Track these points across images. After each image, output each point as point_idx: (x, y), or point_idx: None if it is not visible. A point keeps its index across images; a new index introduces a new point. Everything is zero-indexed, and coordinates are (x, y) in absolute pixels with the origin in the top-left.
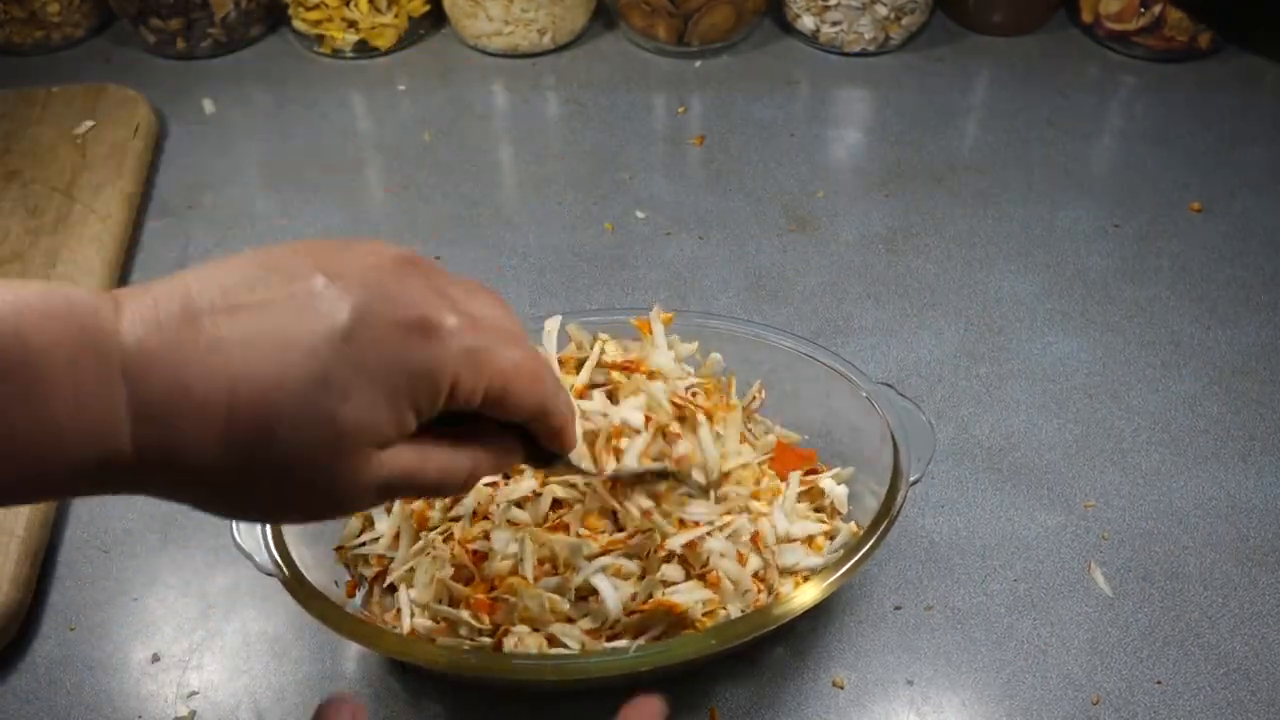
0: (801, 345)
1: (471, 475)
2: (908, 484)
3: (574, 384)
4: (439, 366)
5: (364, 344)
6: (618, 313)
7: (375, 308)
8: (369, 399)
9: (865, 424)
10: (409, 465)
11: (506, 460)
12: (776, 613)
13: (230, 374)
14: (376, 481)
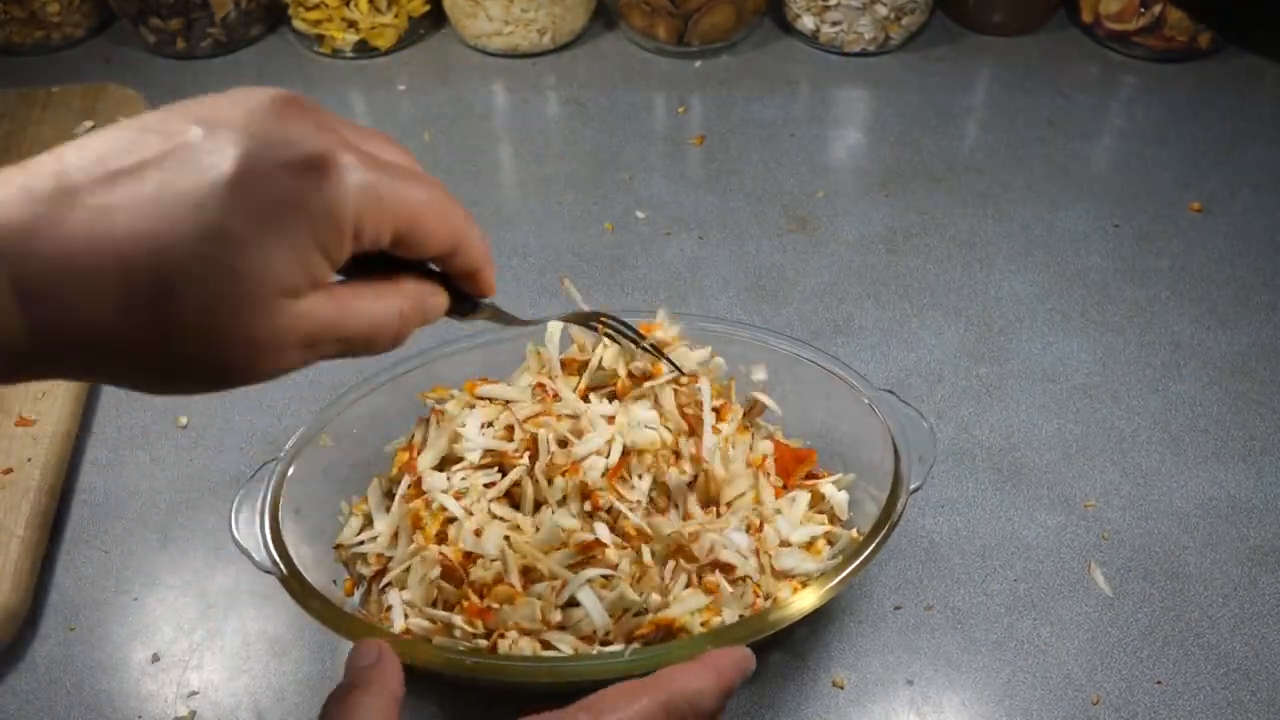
0: (802, 349)
1: (401, 322)
2: (908, 491)
3: (577, 386)
4: (338, 204)
5: (253, 190)
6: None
7: (259, 151)
8: (267, 246)
9: (867, 429)
10: (329, 315)
11: (432, 304)
12: (773, 618)
13: (116, 240)
14: (296, 333)
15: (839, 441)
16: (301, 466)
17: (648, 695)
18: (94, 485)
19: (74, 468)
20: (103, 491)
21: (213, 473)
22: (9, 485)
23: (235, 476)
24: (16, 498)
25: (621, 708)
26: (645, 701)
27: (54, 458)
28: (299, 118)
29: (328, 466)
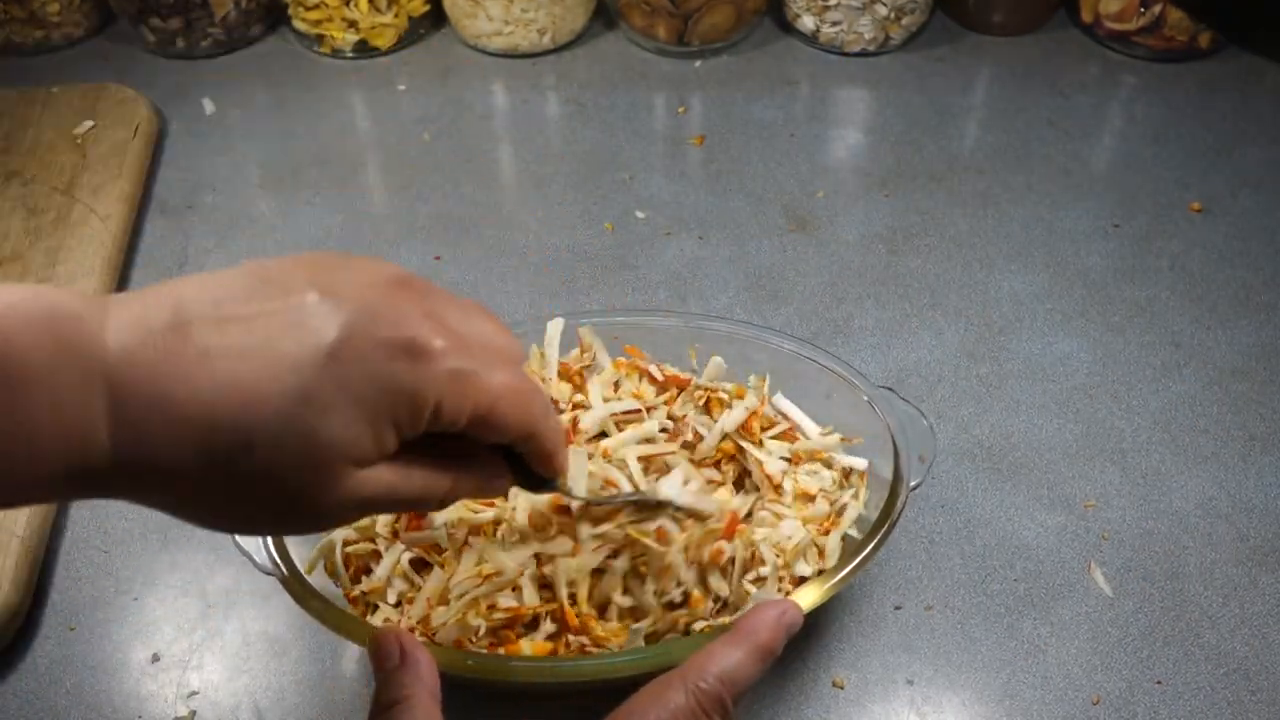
0: (803, 348)
1: (451, 494)
2: (908, 489)
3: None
4: (422, 389)
5: (348, 362)
6: (618, 313)
7: (363, 326)
8: (349, 417)
9: (866, 427)
10: (389, 483)
11: (491, 485)
12: None
13: (214, 385)
14: (355, 499)
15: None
16: None
17: (679, 689)
18: None
19: None
20: None
21: None
22: None
23: None
24: None
25: (654, 711)
26: (679, 699)
27: None
28: (408, 299)
29: None
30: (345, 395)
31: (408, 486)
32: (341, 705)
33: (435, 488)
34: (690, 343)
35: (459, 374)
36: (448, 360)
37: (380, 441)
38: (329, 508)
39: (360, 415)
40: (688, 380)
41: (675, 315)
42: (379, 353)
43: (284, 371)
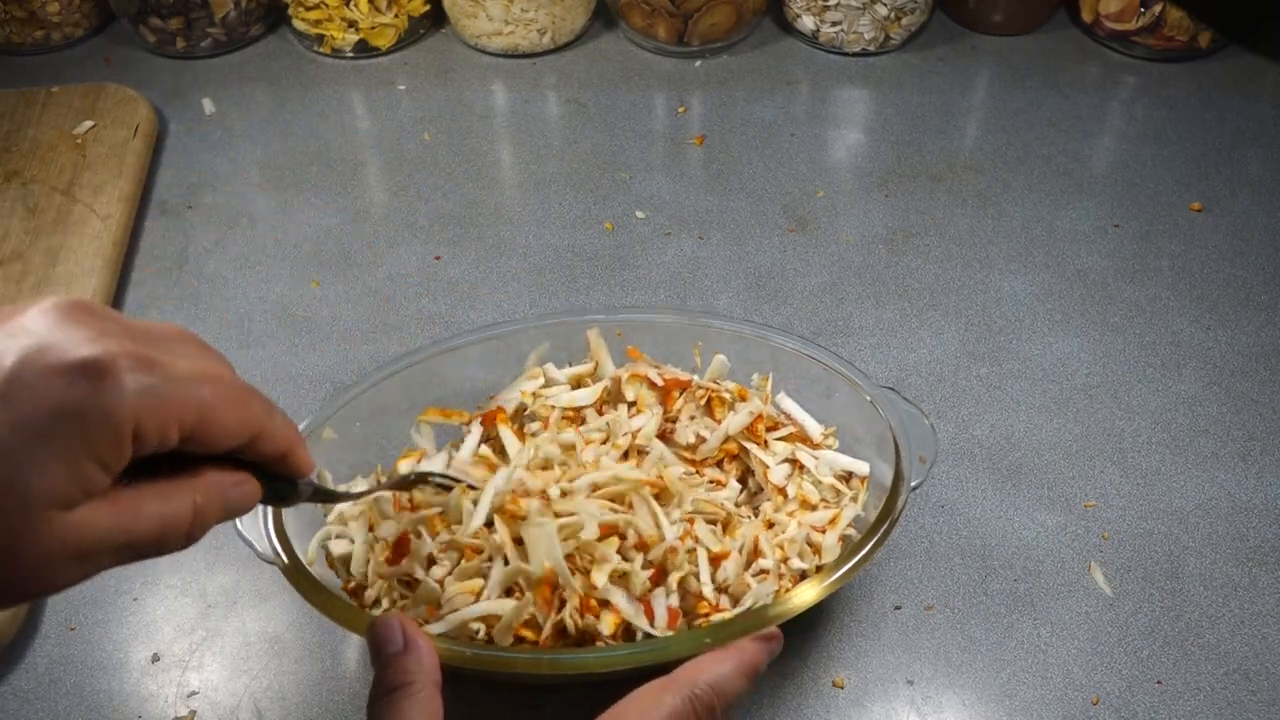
0: (805, 347)
1: (196, 517)
2: (909, 488)
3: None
4: (112, 411)
5: (20, 398)
6: (621, 311)
7: (31, 357)
8: (36, 456)
9: (868, 426)
10: (106, 524)
11: (237, 494)
12: (774, 613)
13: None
14: (67, 548)
15: (840, 438)
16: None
17: (673, 693)
18: None
19: None
20: None
21: None
22: None
23: None
24: None
25: (650, 711)
26: (671, 700)
27: None
28: (80, 323)
29: (330, 460)
30: (24, 434)
31: (138, 524)
32: (341, 705)
33: (174, 517)
34: (693, 340)
35: (151, 388)
36: (136, 376)
37: (79, 477)
38: (38, 562)
39: (48, 453)
40: (688, 381)
41: (678, 313)
42: (53, 381)
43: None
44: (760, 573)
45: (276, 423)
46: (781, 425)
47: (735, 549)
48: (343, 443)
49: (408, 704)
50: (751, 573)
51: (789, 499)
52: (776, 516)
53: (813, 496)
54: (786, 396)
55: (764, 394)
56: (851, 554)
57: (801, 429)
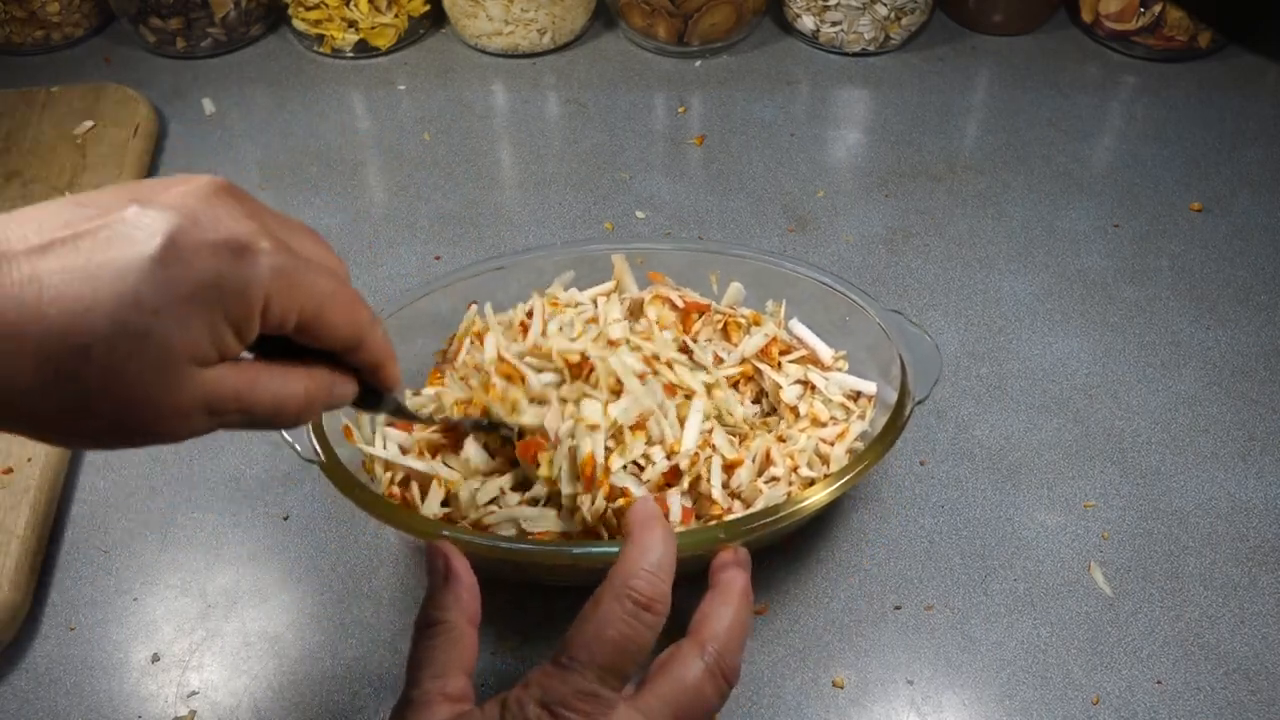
0: (817, 273)
1: (307, 401)
2: (914, 401)
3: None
4: (249, 283)
5: (174, 264)
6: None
7: (186, 230)
8: (181, 315)
9: (875, 348)
10: (235, 386)
11: (340, 390)
12: (785, 511)
13: (43, 302)
14: (200, 400)
15: (849, 360)
16: None
17: (695, 658)
18: (94, 485)
19: (74, 468)
20: (103, 491)
21: (213, 473)
22: (9, 485)
23: (235, 477)
24: (16, 498)
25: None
26: (698, 667)
27: (54, 458)
28: (228, 204)
29: None
30: (174, 295)
31: (256, 393)
32: (342, 705)
33: (288, 392)
34: (711, 270)
35: (284, 271)
36: (273, 257)
37: (217, 338)
38: (175, 408)
39: (192, 313)
40: (707, 305)
41: (697, 244)
42: (204, 252)
43: (110, 280)
44: (771, 479)
45: (378, 335)
46: (794, 349)
47: (749, 458)
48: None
49: (436, 642)
50: (763, 480)
51: (800, 417)
52: (788, 432)
53: (823, 414)
54: (799, 322)
55: (778, 319)
56: (859, 461)
57: (813, 353)
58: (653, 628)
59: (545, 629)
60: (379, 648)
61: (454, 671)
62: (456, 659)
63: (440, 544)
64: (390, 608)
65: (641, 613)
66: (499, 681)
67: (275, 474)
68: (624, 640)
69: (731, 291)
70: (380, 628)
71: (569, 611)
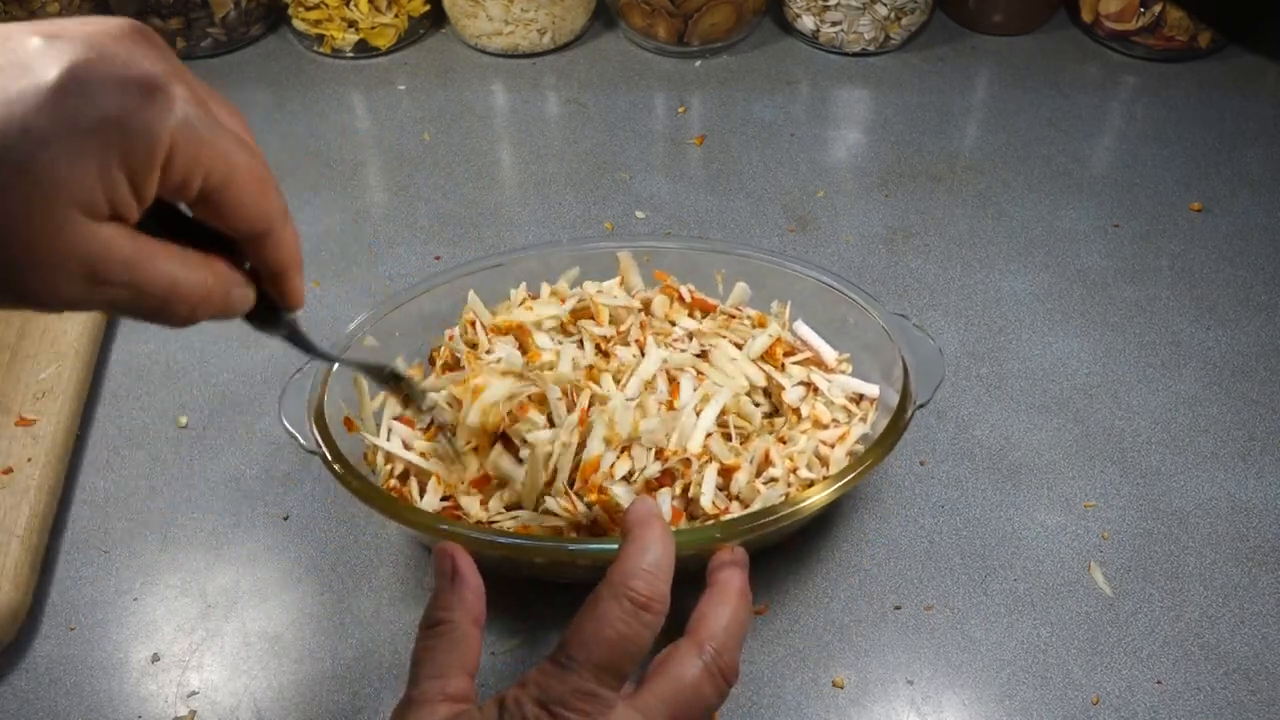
0: (822, 275)
1: (204, 294)
2: (915, 405)
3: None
4: (154, 127)
5: (74, 95)
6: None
7: (92, 63)
8: (72, 149)
9: (878, 351)
10: (125, 253)
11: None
12: (783, 513)
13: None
14: (82, 256)
15: (852, 359)
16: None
17: (693, 657)
18: (94, 485)
19: (74, 468)
20: (103, 491)
21: (213, 473)
22: (9, 485)
23: (235, 477)
24: (16, 498)
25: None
26: (696, 666)
27: (54, 458)
28: (143, 45)
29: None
30: (68, 127)
31: (151, 272)
32: (342, 705)
33: (183, 279)
34: (716, 270)
35: (195, 123)
36: (186, 106)
37: (109, 185)
38: (52, 259)
39: (85, 149)
40: (714, 305)
41: (703, 243)
42: (108, 86)
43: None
44: (770, 480)
45: (289, 233)
46: (798, 351)
47: (747, 460)
48: (384, 349)
49: (439, 642)
50: (762, 480)
51: (803, 419)
52: (790, 434)
53: (824, 416)
54: (803, 324)
55: (782, 320)
56: (859, 463)
57: (817, 354)
58: (651, 627)
59: (545, 629)
60: (379, 648)
61: (456, 672)
62: (459, 659)
63: (447, 545)
64: (390, 607)
65: (640, 612)
66: (499, 681)
67: (275, 474)
68: (622, 640)
69: (737, 292)
70: (380, 627)
71: (569, 610)
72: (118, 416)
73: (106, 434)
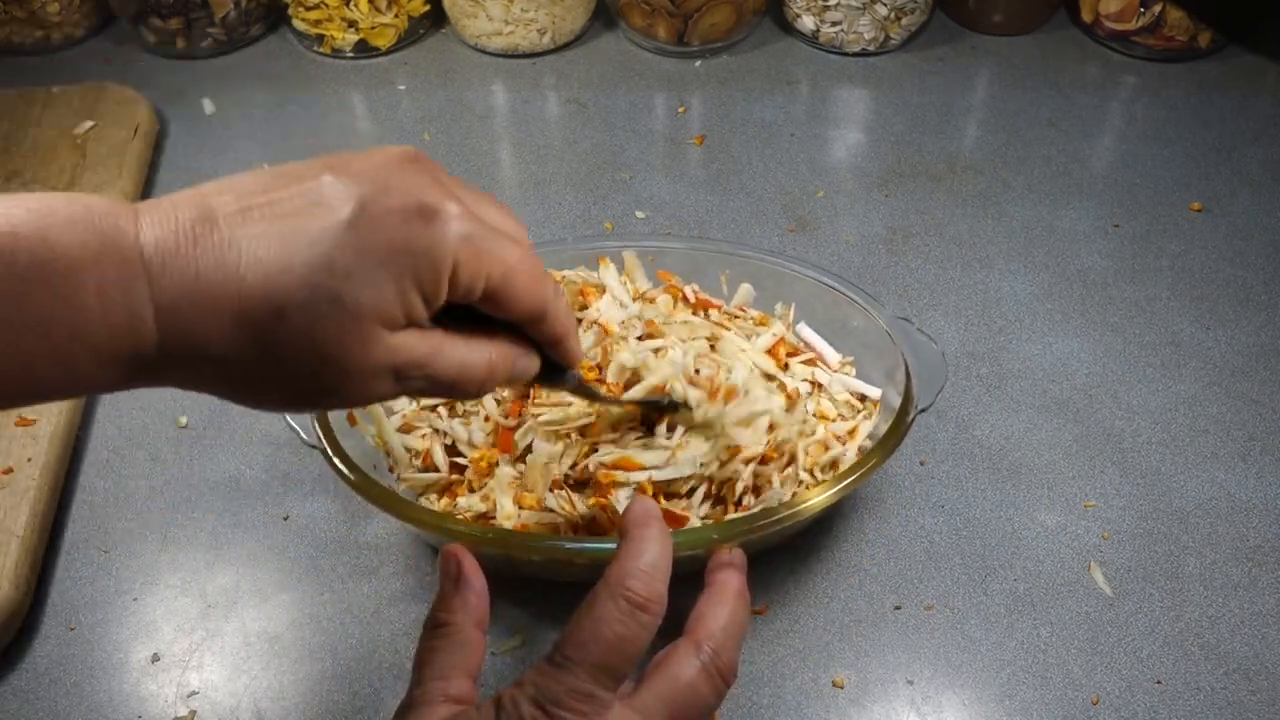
0: (825, 276)
1: (489, 371)
2: (917, 409)
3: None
4: (438, 247)
5: (366, 229)
6: (649, 238)
7: (377, 196)
8: (372, 279)
9: (881, 354)
10: (422, 352)
11: (523, 363)
12: (783, 514)
13: (241, 264)
14: (388, 363)
15: (856, 364)
16: None
17: (691, 657)
18: (94, 485)
19: (74, 468)
20: (103, 491)
21: (213, 473)
22: (9, 485)
23: (235, 477)
24: (16, 498)
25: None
26: (693, 665)
27: (54, 458)
28: (418, 172)
29: None
30: (366, 259)
31: (441, 360)
32: (341, 705)
33: (471, 361)
34: (721, 270)
35: (472, 238)
36: (461, 223)
37: (406, 302)
38: (364, 369)
39: (382, 277)
40: (719, 305)
41: (709, 243)
42: (394, 218)
43: (305, 245)
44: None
45: (562, 308)
46: (802, 352)
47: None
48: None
49: (442, 644)
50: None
51: (809, 415)
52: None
53: (830, 412)
54: (806, 325)
55: (786, 321)
56: (859, 465)
57: (820, 356)
58: (648, 628)
59: (544, 629)
60: (379, 648)
61: (458, 674)
62: (460, 662)
63: (453, 547)
64: (391, 607)
65: (638, 613)
66: (498, 681)
67: (275, 474)
68: (620, 640)
69: (742, 293)
70: (380, 627)
71: (567, 610)
72: (118, 416)
73: (106, 434)
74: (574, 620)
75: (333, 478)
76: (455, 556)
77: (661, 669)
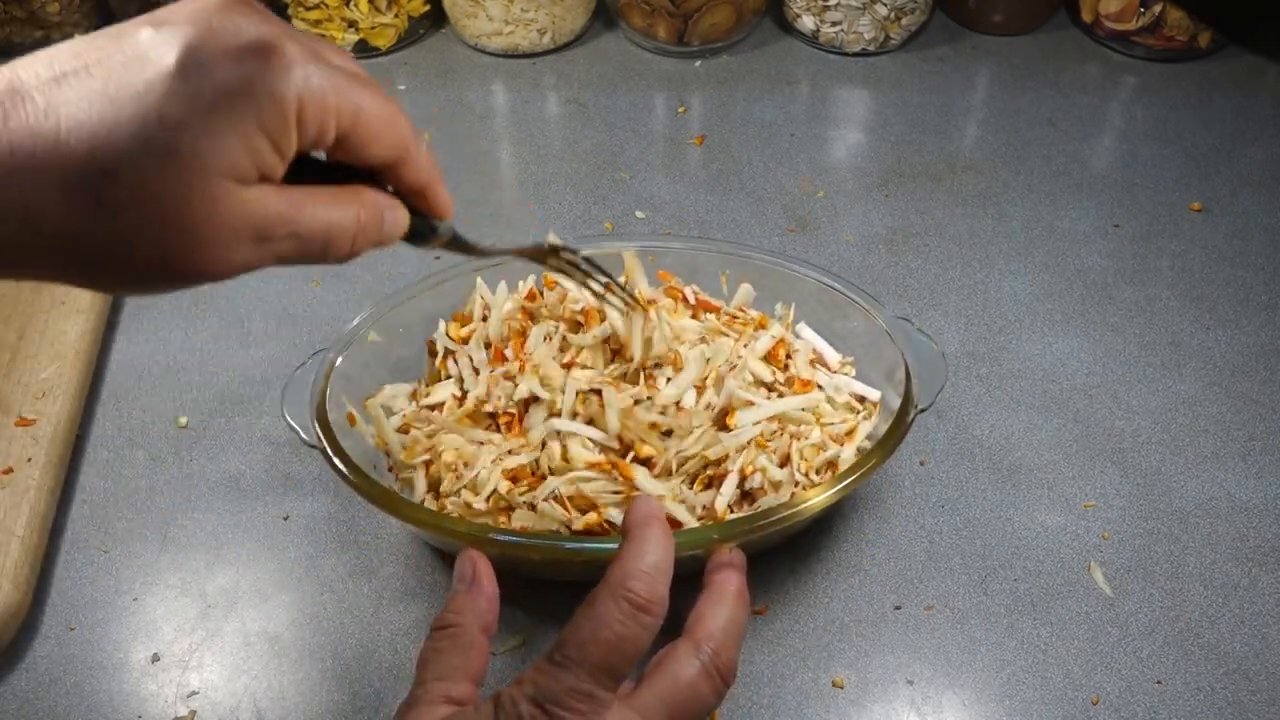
0: (825, 277)
1: (359, 229)
2: (916, 409)
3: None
4: (279, 86)
5: (196, 75)
6: (651, 238)
7: (205, 41)
8: (209, 128)
9: (881, 354)
10: (281, 208)
11: (392, 218)
12: (783, 514)
13: (60, 131)
14: (243, 221)
15: (856, 364)
16: (349, 359)
17: (691, 657)
18: (94, 485)
19: (74, 468)
20: (103, 491)
21: (213, 473)
22: (9, 485)
23: (235, 477)
24: (16, 498)
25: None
26: (693, 665)
27: (54, 458)
28: (245, 13)
29: (372, 361)
30: (200, 105)
31: (306, 218)
32: (341, 705)
33: (338, 218)
34: (721, 270)
35: (317, 74)
36: (304, 61)
37: (252, 148)
38: (217, 229)
39: (222, 123)
40: (718, 306)
41: (708, 243)
42: (227, 59)
43: (129, 100)
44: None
45: (422, 151)
46: (800, 352)
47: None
48: (387, 345)
49: (447, 645)
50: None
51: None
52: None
53: (830, 415)
54: (806, 326)
55: (786, 322)
56: (859, 465)
57: (820, 357)
58: (649, 629)
59: (544, 629)
60: (379, 648)
61: (461, 676)
62: (464, 664)
63: (473, 552)
64: (391, 607)
65: (639, 615)
66: (498, 681)
67: (275, 474)
68: (620, 641)
69: (742, 293)
70: (380, 627)
71: (568, 610)
72: (118, 416)
73: (106, 434)
74: (574, 620)
75: (333, 478)
76: (472, 560)
77: (661, 669)
